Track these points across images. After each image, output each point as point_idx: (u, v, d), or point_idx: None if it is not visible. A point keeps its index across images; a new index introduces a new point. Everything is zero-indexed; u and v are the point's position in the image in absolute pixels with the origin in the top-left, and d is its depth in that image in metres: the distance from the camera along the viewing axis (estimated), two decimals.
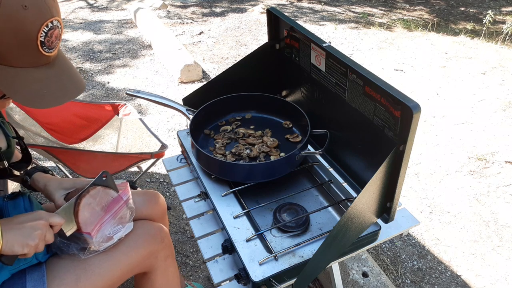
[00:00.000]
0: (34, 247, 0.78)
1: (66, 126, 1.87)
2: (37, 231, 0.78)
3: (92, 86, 3.31)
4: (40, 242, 0.79)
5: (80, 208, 0.91)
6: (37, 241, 0.78)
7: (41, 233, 0.79)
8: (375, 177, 0.84)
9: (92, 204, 0.93)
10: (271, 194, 1.16)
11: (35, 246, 0.78)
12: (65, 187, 0.99)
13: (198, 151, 1.17)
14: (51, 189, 0.98)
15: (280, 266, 0.93)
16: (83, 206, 0.91)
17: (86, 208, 0.92)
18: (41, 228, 0.79)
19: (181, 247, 1.84)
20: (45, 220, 0.81)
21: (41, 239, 0.79)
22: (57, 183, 0.99)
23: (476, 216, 2.03)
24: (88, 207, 0.92)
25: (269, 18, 1.28)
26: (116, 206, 0.97)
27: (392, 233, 1.11)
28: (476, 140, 2.60)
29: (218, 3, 5.65)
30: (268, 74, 1.39)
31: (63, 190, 0.99)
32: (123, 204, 0.99)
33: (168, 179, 2.26)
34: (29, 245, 0.77)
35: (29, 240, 0.77)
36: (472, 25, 4.99)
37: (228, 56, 3.90)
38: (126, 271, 1.01)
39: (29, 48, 0.70)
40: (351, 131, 1.09)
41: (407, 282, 1.71)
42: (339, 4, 5.79)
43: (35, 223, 0.79)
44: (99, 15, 5.17)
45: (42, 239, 0.79)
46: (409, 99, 0.79)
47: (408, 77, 3.46)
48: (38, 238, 0.78)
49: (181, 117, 2.78)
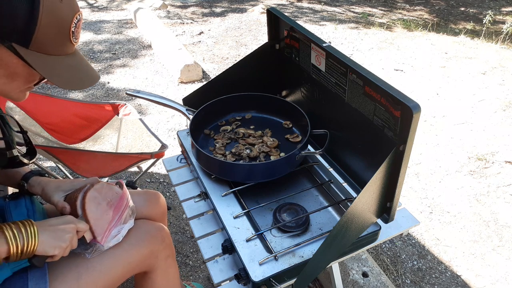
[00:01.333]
0: (64, 250, 0.82)
1: (66, 126, 1.87)
2: (68, 234, 0.83)
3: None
4: (69, 245, 0.83)
5: (86, 201, 0.92)
6: (68, 243, 0.82)
7: (72, 237, 0.84)
8: (375, 177, 0.84)
9: (98, 198, 0.94)
10: (271, 194, 1.16)
11: (65, 248, 0.82)
12: (64, 189, 1.00)
13: (198, 151, 1.17)
14: (49, 192, 0.99)
15: (280, 266, 0.93)
16: (89, 199, 0.92)
17: (92, 201, 0.93)
18: (71, 232, 0.84)
19: (181, 247, 1.84)
20: (74, 225, 0.85)
21: (71, 242, 0.83)
22: (55, 186, 1.00)
23: (476, 216, 2.03)
24: (94, 200, 0.93)
25: (269, 18, 1.28)
26: (121, 207, 0.98)
27: (392, 233, 1.11)
28: (476, 140, 2.60)
29: (218, 3, 5.65)
30: (268, 74, 1.39)
31: (62, 192, 0.99)
32: (127, 204, 1.00)
33: (168, 179, 2.26)
34: (60, 247, 0.81)
35: (61, 242, 0.82)
36: (472, 25, 4.99)
37: (228, 56, 3.90)
38: (127, 269, 1.01)
39: (64, 38, 0.76)
40: (351, 131, 1.09)
41: (407, 282, 1.71)
42: (339, 4, 5.79)
43: (66, 226, 0.84)
44: (99, 15, 5.17)
45: (71, 243, 0.84)
46: (409, 99, 0.80)
47: (408, 77, 3.46)
48: (69, 241, 0.83)
49: (181, 117, 2.78)
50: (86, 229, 0.88)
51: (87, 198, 0.92)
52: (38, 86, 3.37)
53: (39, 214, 1.02)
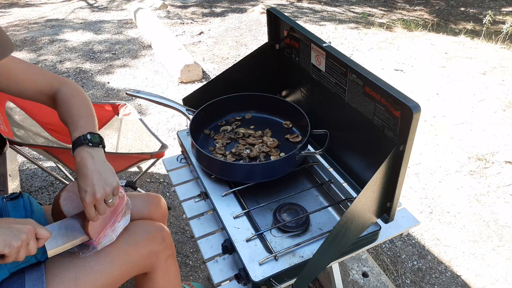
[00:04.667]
0: (16, 250, 0.76)
1: None
2: (23, 235, 0.77)
3: (92, 86, 3.31)
4: (22, 247, 0.77)
5: (61, 201, 0.94)
6: (20, 244, 0.76)
7: (26, 238, 0.78)
8: (375, 177, 0.84)
9: (72, 197, 0.96)
10: (271, 194, 1.16)
11: (17, 248, 0.76)
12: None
13: (198, 151, 1.17)
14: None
15: (280, 266, 0.93)
16: (63, 199, 0.94)
17: (67, 200, 0.95)
18: (26, 233, 0.78)
19: (181, 247, 1.84)
20: (33, 227, 0.80)
21: (24, 245, 0.78)
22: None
23: (476, 216, 2.03)
24: (69, 199, 0.95)
25: (269, 18, 1.28)
26: (118, 209, 0.98)
27: (392, 233, 1.11)
28: (476, 140, 2.60)
29: (218, 3, 5.66)
30: (268, 74, 1.39)
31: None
32: (124, 204, 1.00)
33: (168, 179, 2.26)
34: (11, 245, 0.75)
35: (13, 241, 0.76)
36: (472, 25, 4.99)
37: (228, 56, 3.90)
38: (126, 270, 1.00)
39: None
40: (351, 131, 1.09)
41: (407, 282, 1.71)
42: (339, 4, 5.79)
43: (22, 226, 0.79)
44: (99, 15, 5.17)
45: (25, 245, 0.78)
46: (409, 99, 0.79)
47: (408, 77, 3.46)
48: (21, 241, 0.77)
49: (181, 117, 2.78)
50: (49, 236, 0.82)
51: (61, 199, 0.94)
52: None
53: (37, 215, 1.02)
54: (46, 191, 2.19)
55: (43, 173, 2.31)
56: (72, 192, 0.97)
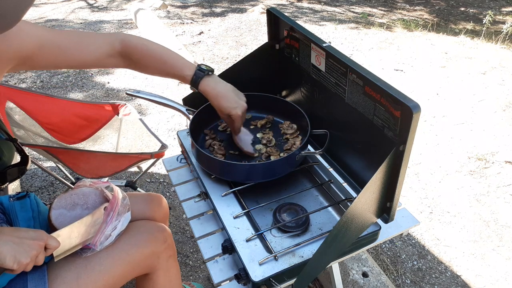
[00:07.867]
0: (24, 266, 0.77)
1: (66, 126, 1.87)
2: (33, 251, 0.78)
3: (92, 86, 3.31)
4: (31, 262, 0.78)
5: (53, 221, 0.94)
6: (29, 261, 0.77)
7: (36, 254, 0.79)
8: (375, 177, 0.84)
9: (63, 212, 0.97)
10: (271, 194, 1.16)
11: (25, 264, 0.77)
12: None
13: (198, 151, 1.17)
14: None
15: (280, 266, 0.93)
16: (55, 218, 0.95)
17: (59, 217, 0.95)
18: (37, 249, 0.79)
19: (181, 247, 1.84)
20: (44, 241, 0.81)
21: (32, 260, 0.78)
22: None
23: (476, 216, 2.03)
24: (59, 217, 0.95)
25: (269, 18, 1.28)
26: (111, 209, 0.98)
27: (392, 233, 1.11)
28: (476, 140, 2.60)
29: (218, 3, 5.66)
30: (268, 74, 1.39)
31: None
32: (118, 203, 0.99)
33: (168, 179, 2.26)
34: (20, 263, 0.76)
35: (23, 258, 0.76)
36: (472, 25, 4.99)
37: (228, 56, 3.90)
38: (127, 270, 1.00)
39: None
40: (351, 131, 1.09)
41: (407, 282, 1.71)
42: (339, 4, 5.79)
43: (33, 242, 0.79)
44: (99, 15, 5.17)
45: (33, 260, 0.79)
46: (409, 99, 0.79)
47: (408, 77, 3.46)
48: (30, 258, 0.77)
49: (181, 117, 2.78)
50: (57, 246, 0.83)
51: (52, 218, 0.94)
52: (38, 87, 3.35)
53: (43, 215, 1.03)
54: (46, 191, 2.19)
55: (43, 173, 2.31)
56: (63, 208, 0.97)
